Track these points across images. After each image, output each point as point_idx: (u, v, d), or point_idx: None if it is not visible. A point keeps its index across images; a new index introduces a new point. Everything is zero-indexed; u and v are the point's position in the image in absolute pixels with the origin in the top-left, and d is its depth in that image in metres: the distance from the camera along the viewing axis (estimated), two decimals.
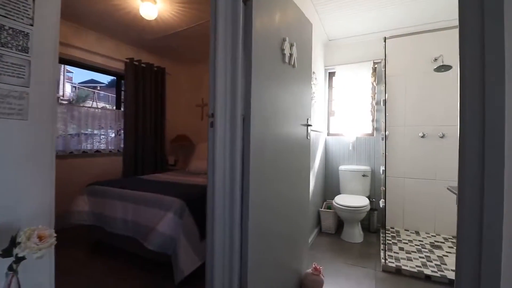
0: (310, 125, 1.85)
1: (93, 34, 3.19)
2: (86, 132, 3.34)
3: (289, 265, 1.65)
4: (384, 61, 2.15)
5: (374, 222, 2.93)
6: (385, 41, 2.13)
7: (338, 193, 3.15)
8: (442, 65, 2.52)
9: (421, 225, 2.91)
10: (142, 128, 3.71)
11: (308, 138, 1.87)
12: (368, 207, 2.59)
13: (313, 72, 2.54)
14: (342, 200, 2.69)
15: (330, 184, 3.32)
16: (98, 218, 2.30)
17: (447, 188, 1.56)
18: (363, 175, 2.98)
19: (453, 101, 2.77)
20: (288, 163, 1.59)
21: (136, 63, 3.68)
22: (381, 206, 2.14)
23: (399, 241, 2.64)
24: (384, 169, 2.14)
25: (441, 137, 2.80)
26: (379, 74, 3.05)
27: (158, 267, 2.05)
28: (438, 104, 2.82)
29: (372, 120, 3.12)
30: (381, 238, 2.74)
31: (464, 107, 0.75)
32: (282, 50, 1.44)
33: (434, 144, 2.83)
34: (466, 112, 0.75)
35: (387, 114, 2.14)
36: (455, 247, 2.62)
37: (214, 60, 1.11)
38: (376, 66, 3.05)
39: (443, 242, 2.62)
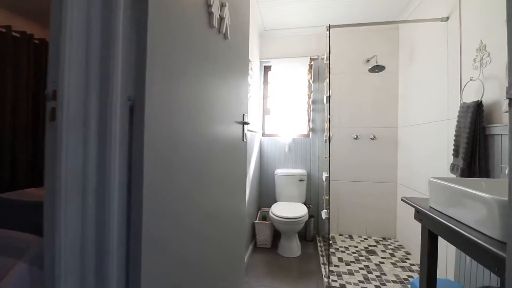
0: (247, 123, 1.41)
1: None
2: None
3: None
4: (328, 53, 1.89)
5: (310, 230, 2.73)
6: (329, 30, 1.87)
7: (274, 200, 2.85)
8: (377, 66, 2.46)
9: (354, 229, 2.86)
10: (11, 122, 2.61)
11: (245, 140, 1.43)
12: (307, 217, 2.34)
13: (249, 61, 2.12)
14: (279, 210, 2.37)
15: (266, 191, 2.98)
16: None
17: (401, 199, 1.35)
18: (300, 180, 2.74)
19: (384, 103, 2.81)
20: (219, 171, 1.11)
21: (3, 30, 2.55)
22: (323, 217, 1.88)
23: (337, 249, 2.48)
24: (327, 175, 1.89)
25: (372, 139, 2.80)
26: (316, 71, 2.87)
27: None
28: (370, 105, 2.80)
29: (309, 120, 2.93)
30: (319, 248, 2.54)
31: None
32: (208, 6, 0.94)
33: (366, 146, 2.81)
34: None
35: (330, 113, 1.88)
36: (387, 251, 2.65)
37: None
38: (312, 63, 2.86)
39: (376, 246, 2.58)
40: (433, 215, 1.04)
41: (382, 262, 2.23)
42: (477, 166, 1.41)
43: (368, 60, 2.74)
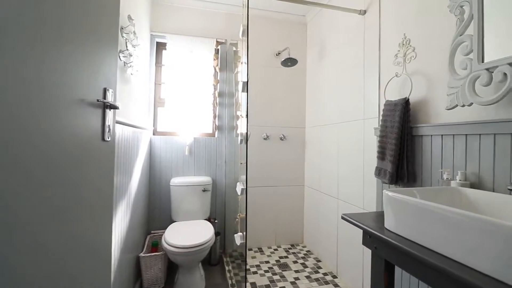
0: (114, 107, 0.75)
1: None
2: None
3: None
4: (245, 25, 1.42)
5: (216, 251, 2.22)
6: None
7: (170, 219, 2.18)
8: (289, 58, 2.23)
9: (263, 241, 2.55)
10: None
11: (108, 138, 0.76)
12: (213, 239, 1.82)
13: (130, 19, 1.41)
14: (176, 236, 1.75)
15: (158, 208, 2.26)
16: None
17: (342, 217, 1.04)
18: (204, 190, 2.19)
19: (294, 101, 2.63)
20: (39, 197, 0.43)
21: None
22: (238, 243, 1.42)
23: (248, 270, 2.08)
24: (244, 187, 1.43)
25: (282, 140, 2.58)
26: (223, 57, 2.39)
27: None
28: (281, 103, 2.57)
29: (214, 116, 2.42)
30: (227, 273, 2.07)
31: None
32: None
33: (276, 147, 2.57)
34: None
35: (248, 106, 1.43)
36: (298, 261, 2.47)
37: None
38: (219, 47, 2.37)
39: (287, 257, 2.35)
40: (404, 246, 0.74)
41: (297, 278, 1.98)
42: (405, 170, 1.28)
43: (279, 53, 2.50)
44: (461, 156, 1.05)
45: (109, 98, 0.75)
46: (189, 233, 1.80)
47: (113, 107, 0.75)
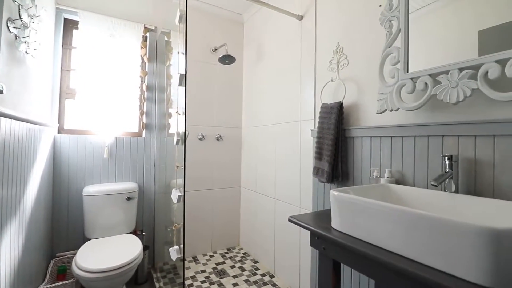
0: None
1: None
2: None
3: None
4: (184, 12, 1.25)
5: (144, 268, 1.94)
6: None
7: (83, 237, 1.79)
8: (227, 55, 2.14)
9: (198, 247, 2.38)
10: None
11: None
12: (141, 255, 1.57)
13: None
14: (92, 257, 1.43)
15: (65, 224, 1.82)
16: None
17: (289, 220, 1.02)
18: (128, 198, 1.88)
19: (231, 101, 2.55)
20: None
21: None
22: (174, 259, 1.24)
23: (181, 284, 1.89)
24: (181, 194, 1.26)
25: (219, 140, 2.47)
26: (153, 47, 2.12)
27: None
28: (218, 102, 2.46)
29: (142, 113, 2.12)
30: None
31: None
32: None
33: (212, 148, 2.44)
34: None
35: (186, 101, 1.26)
36: (236, 265, 2.38)
37: None
38: (148, 34, 2.10)
39: (224, 262, 2.25)
40: (354, 246, 0.75)
41: (236, 284, 1.91)
42: (339, 169, 1.37)
43: (216, 49, 2.38)
44: (387, 156, 1.17)
45: None
46: (109, 252, 1.50)
47: None
